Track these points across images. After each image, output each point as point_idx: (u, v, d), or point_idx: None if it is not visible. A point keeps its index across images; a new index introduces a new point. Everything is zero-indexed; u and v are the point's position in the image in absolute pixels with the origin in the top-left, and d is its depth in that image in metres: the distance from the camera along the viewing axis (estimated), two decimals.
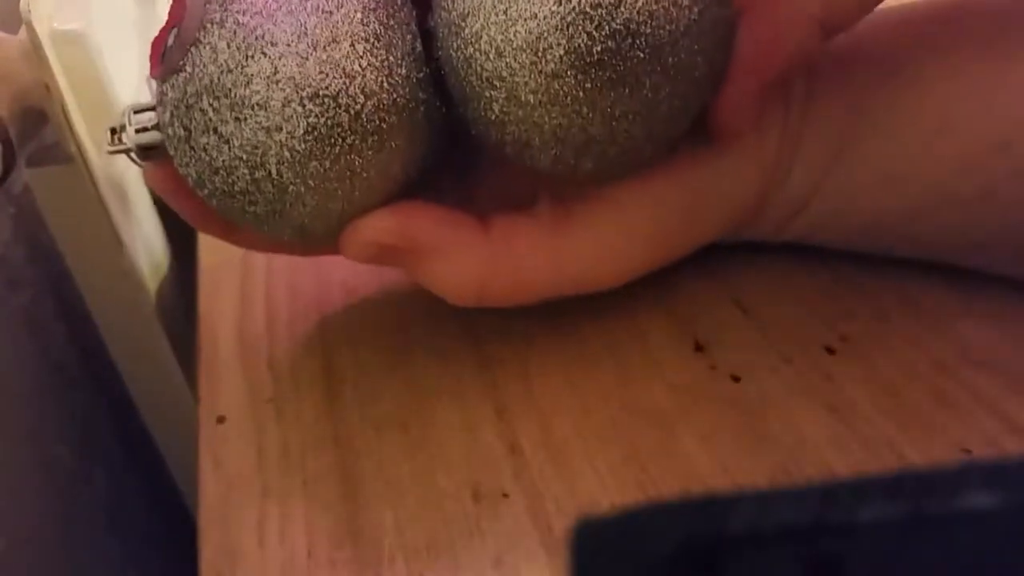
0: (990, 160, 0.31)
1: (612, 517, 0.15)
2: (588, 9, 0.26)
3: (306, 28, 0.27)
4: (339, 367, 0.35)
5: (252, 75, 0.27)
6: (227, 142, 0.28)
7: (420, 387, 0.34)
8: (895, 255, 0.35)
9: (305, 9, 0.27)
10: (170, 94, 0.28)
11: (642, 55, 0.27)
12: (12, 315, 0.45)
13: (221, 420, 0.34)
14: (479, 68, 0.28)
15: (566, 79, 0.27)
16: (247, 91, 0.27)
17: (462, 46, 0.28)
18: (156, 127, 0.29)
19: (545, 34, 0.27)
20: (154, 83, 0.29)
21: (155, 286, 0.45)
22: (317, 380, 0.35)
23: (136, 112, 0.30)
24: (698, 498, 0.15)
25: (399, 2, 0.29)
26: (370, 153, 0.28)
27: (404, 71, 0.29)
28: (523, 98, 0.28)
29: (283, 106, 0.27)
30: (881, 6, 0.31)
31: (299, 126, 0.27)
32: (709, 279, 0.37)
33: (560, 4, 0.26)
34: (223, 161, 0.28)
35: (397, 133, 0.29)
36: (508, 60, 0.27)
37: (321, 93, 0.27)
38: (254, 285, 0.40)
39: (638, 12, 0.26)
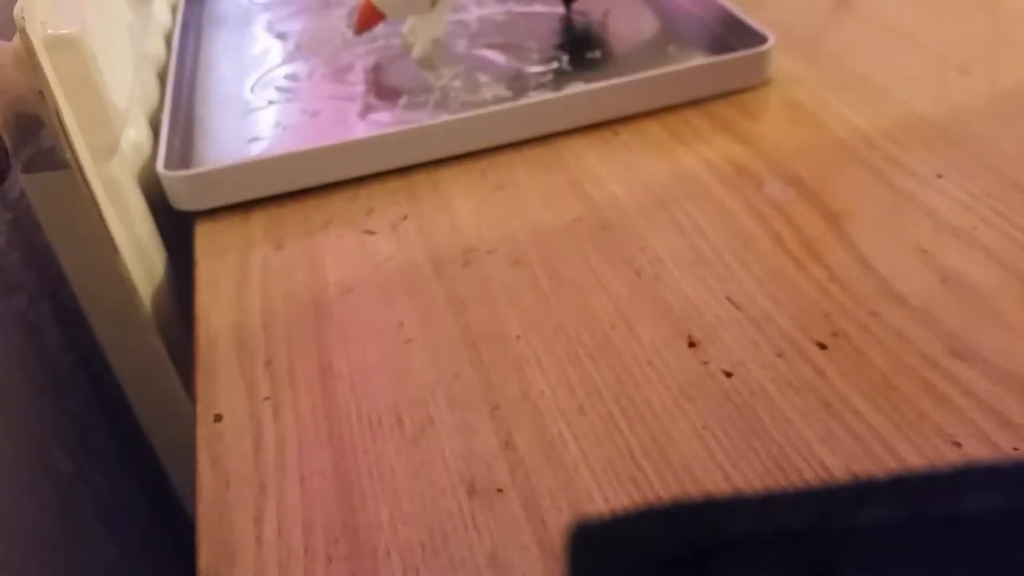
0: None
1: (610, 521, 0.15)
2: None
3: None
4: (335, 365, 0.35)
5: None
6: None
7: (415, 385, 0.34)
8: None
9: None
10: None
11: None
12: (8, 319, 0.46)
13: (218, 419, 0.34)
14: None
15: None
16: None
17: None
18: None
19: None
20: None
21: (150, 290, 0.45)
22: (313, 378, 0.35)
23: None
24: (696, 502, 0.15)
25: None
26: None
27: None
28: None
29: None
30: None
31: None
32: (702, 275, 0.37)
33: None
34: None
35: None
36: None
37: None
38: (251, 285, 0.40)
39: None
